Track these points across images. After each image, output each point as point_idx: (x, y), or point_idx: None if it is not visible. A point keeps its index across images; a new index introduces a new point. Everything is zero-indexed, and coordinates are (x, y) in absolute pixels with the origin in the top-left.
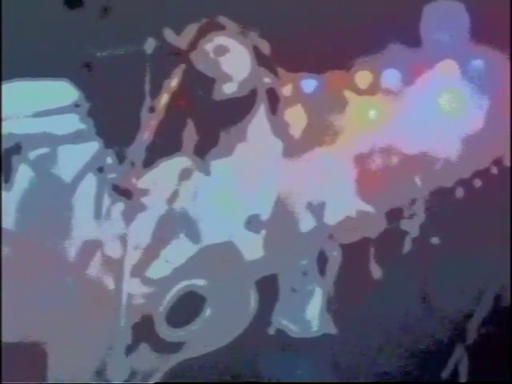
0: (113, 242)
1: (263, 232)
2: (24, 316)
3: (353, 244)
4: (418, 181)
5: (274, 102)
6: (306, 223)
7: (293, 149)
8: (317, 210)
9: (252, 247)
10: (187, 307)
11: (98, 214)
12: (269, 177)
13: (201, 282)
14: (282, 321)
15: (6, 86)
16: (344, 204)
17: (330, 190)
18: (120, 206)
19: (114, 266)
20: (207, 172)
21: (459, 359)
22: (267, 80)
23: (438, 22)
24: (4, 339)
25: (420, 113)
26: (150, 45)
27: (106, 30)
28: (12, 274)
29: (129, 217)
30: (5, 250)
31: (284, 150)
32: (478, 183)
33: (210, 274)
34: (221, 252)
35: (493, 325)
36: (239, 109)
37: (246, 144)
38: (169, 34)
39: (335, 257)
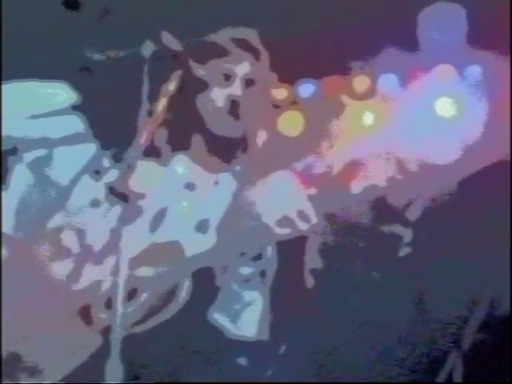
0: (108, 242)
1: (210, 234)
2: (24, 319)
3: (298, 251)
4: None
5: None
6: (252, 229)
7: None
8: (264, 218)
9: (196, 245)
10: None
11: (93, 216)
12: (226, 189)
13: (140, 273)
14: (220, 319)
15: (4, 88)
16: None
17: (283, 202)
18: (116, 209)
19: (109, 268)
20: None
21: (453, 366)
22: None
23: (436, 26)
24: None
25: (417, 118)
26: (147, 48)
27: (105, 33)
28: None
29: (125, 219)
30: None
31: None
32: (476, 188)
33: (152, 265)
34: (166, 248)
35: (489, 331)
36: None
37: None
38: (167, 38)
39: (276, 267)
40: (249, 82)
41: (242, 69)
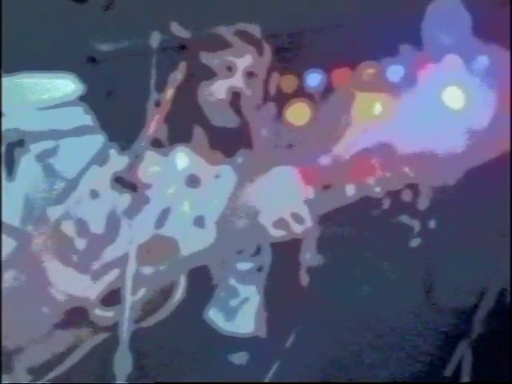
0: (114, 235)
1: (208, 230)
2: (26, 315)
3: (294, 248)
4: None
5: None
6: (248, 228)
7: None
8: (260, 216)
9: (194, 242)
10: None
11: (100, 207)
12: (226, 183)
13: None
14: (214, 317)
15: (9, 80)
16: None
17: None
18: (124, 199)
19: (118, 260)
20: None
21: (463, 355)
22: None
23: (442, 19)
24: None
25: (425, 108)
26: (155, 38)
27: (111, 24)
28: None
29: (133, 210)
30: (7, 245)
31: (247, 163)
32: (481, 179)
33: (150, 262)
34: (163, 244)
35: (497, 320)
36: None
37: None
38: (175, 27)
39: (274, 263)
40: (251, 75)
41: (245, 61)
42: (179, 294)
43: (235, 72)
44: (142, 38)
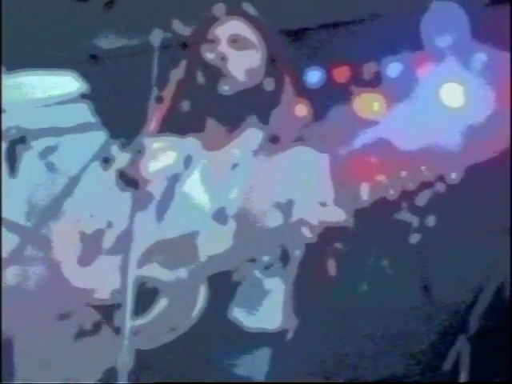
0: (118, 231)
1: (227, 227)
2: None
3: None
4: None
5: (267, 108)
6: (273, 221)
7: (274, 147)
8: (285, 208)
9: (213, 241)
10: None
11: (103, 204)
12: (243, 172)
13: (155, 273)
14: (239, 315)
15: (11, 77)
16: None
17: (304, 188)
18: (126, 196)
19: (119, 257)
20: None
21: (461, 350)
22: (268, 86)
23: (442, 19)
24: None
25: (425, 106)
26: (156, 36)
27: (113, 22)
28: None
29: (136, 206)
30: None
31: (264, 147)
32: (480, 176)
33: (165, 266)
34: (180, 244)
35: (495, 315)
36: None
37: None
38: (177, 25)
39: (299, 254)
40: (238, 40)
41: (231, 28)
42: (201, 302)
43: (221, 40)
44: (143, 35)
